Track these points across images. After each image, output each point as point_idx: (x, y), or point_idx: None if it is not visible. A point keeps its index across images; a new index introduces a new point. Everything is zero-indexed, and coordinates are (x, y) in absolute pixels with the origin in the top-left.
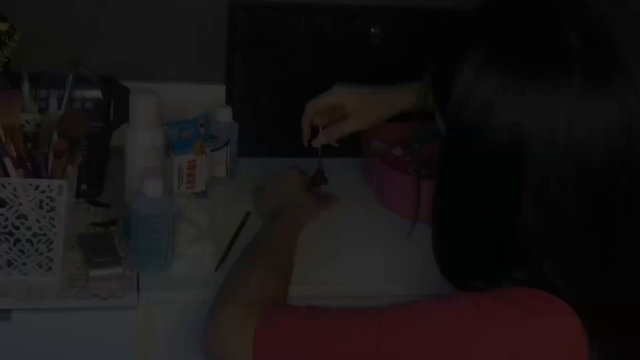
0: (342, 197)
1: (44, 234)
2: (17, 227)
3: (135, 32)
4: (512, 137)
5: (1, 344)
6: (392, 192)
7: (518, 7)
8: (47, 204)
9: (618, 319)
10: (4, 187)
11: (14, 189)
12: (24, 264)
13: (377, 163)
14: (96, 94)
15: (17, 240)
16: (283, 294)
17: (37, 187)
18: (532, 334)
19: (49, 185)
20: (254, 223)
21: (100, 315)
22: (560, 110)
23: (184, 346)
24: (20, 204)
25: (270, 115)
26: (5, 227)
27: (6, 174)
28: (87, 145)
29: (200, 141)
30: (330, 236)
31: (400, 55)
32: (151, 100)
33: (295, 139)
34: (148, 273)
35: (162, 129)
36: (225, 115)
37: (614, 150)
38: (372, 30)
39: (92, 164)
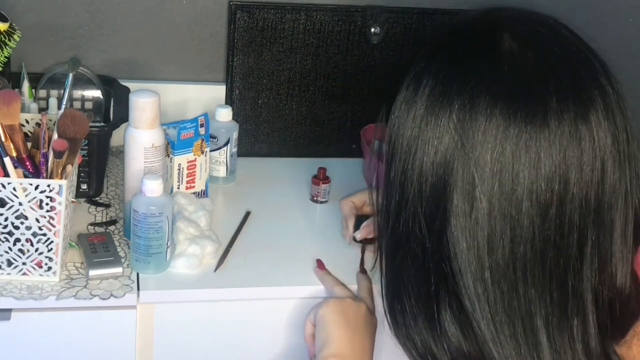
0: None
1: (44, 234)
2: (17, 227)
3: (135, 32)
4: (438, 170)
5: (1, 344)
6: None
7: (453, 43)
8: (47, 204)
9: None
10: (4, 187)
11: (14, 188)
12: (24, 263)
13: (377, 163)
14: (96, 94)
15: (17, 240)
16: None
17: (37, 187)
18: None
19: (48, 185)
20: (254, 223)
21: (99, 315)
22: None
23: (184, 346)
24: (20, 203)
25: (270, 116)
26: (5, 227)
27: (6, 174)
28: (87, 145)
29: (200, 141)
30: (330, 236)
31: (400, 55)
32: (151, 100)
33: (295, 139)
34: (148, 273)
35: (162, 129)
36: (225, 115)
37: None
38: (372, 30)
39: (92, 164)
